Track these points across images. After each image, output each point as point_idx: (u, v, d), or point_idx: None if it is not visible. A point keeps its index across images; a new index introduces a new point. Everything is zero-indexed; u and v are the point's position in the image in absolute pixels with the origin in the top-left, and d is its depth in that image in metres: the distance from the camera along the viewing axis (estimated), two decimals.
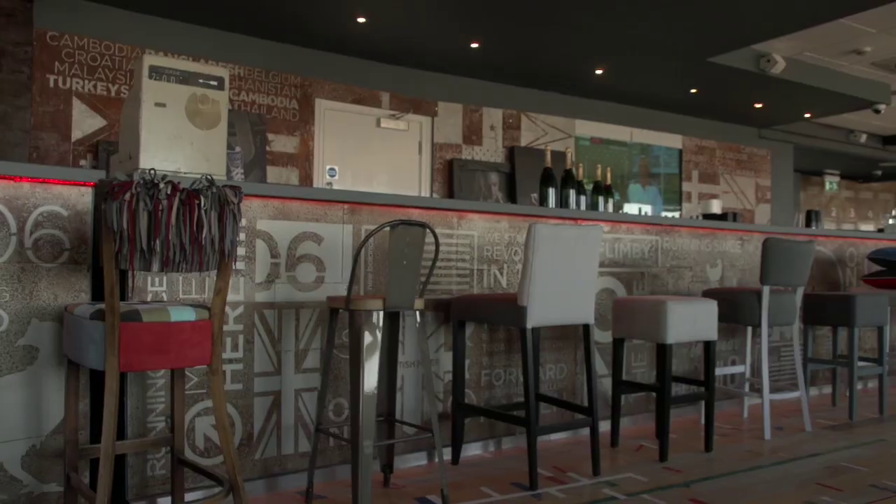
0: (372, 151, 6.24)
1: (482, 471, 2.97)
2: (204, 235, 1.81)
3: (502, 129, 6.92)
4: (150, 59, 2.38)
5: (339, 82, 6.06)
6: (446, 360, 3.16)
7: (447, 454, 3.09)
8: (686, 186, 8.24)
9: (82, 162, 4.71)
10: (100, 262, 2.32)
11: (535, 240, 2.71)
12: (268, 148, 5.57)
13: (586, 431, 3.47)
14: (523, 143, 7.03)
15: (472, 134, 6.81)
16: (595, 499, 2.63)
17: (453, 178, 6.37)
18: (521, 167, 6.75)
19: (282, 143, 5.69)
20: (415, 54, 6.26)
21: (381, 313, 2.33)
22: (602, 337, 3.76)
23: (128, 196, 1.73)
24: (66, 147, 4.70)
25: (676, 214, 8.11)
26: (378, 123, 6.24)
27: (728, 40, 6.00)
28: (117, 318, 1.79)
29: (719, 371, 4.06)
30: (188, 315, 1.92)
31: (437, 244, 2.49)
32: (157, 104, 2.39)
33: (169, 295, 2.42)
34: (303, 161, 5.80)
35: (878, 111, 7.44)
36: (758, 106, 7.66)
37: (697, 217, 7.69)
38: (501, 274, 3.36)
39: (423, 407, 3.06)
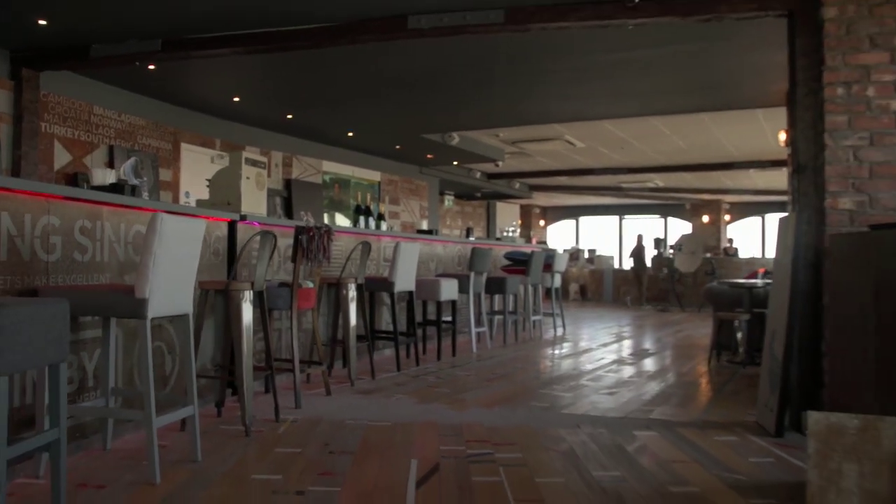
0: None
1: (365, 366, 5.66)
2: (331, 250, 4.26)
3: (282, 166, 9.33)
4: (246, 153, 4.55)
5: (193, 131, 7.80)
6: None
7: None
8: (382, 208, 11.63)
9: None
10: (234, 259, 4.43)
11: (400, 248, 5.55)
12: (160, 178, 7.17)
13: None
14: (294, 176, 9.56)
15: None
16: (425, 372, 5.60)
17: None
18: (295, 194, 9.30)
19: (164, 174, 7.25)
20: (247, 117, 8.38)
21: (355, 285, 4.94)
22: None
23: (311, 232, 4.11)
24: (51, 176, 5.61)
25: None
26: (212, 160, 8.09)
27: (435, 128, 9.68)
28: (297, 285, 4.13)
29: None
30: (311, 284, 4.32)
31: (370, 251, 5.17)
32: (247, 177, 4.57)
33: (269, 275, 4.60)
34: (174, 187, 7.39)
35: (497, 165, 11.95)
36: (430, 157, 11.51)
37: (390, 229, 11.09)
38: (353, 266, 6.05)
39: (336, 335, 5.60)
